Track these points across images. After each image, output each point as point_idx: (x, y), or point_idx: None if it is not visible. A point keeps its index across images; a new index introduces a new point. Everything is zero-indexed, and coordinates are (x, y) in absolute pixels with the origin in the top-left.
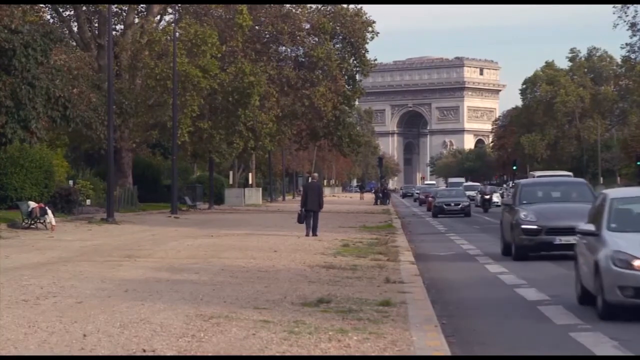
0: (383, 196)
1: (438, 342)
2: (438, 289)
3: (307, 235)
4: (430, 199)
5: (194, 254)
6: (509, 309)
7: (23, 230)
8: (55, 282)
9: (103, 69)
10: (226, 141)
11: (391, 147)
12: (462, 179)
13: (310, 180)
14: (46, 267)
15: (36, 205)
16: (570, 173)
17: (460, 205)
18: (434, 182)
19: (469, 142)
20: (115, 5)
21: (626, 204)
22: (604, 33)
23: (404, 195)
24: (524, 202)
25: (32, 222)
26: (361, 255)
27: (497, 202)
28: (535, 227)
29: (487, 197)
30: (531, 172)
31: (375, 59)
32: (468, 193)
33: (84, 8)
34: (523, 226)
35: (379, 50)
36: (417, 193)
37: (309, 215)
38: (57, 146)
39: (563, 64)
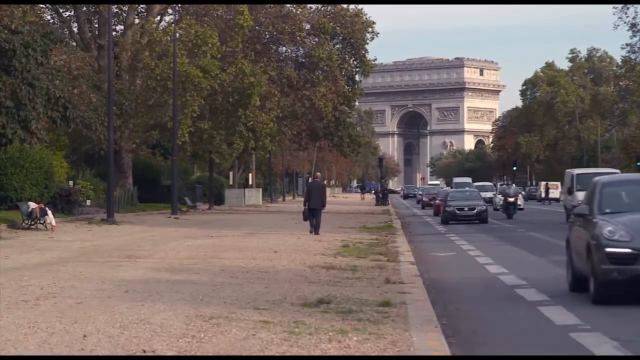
0: (383, 197)
1: (438, 343)
2: (438, 289)
3: (311, 233)
4: (437, 201)
5: (194, 255)
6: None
7: (23, 230)
8: (55, 282)
9: (103, 69)
10: (226, 141)
11: (391, 147)
12: (468, 179)
13: (313, 180)
14: (46, 268)
15: (36, 205)
16: (617, 170)
17: (476, 210)
18: (437, 182)
19: (469, 143)
20: (116, 6)
21: None
22: (604, 33)
23: (406, 196)
24: (607, 210)
25: (32, 222)
26: (361, 256)
27: (520, 206)
28: (628, 250)
29: (512, 199)
30: (568, 170)
31: (375, 59)
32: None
33: (84, 8)
34: (609, 249)
35: (379, 50)
36: (419, 194)
37: (312, 213)
38: (57, 148)
39: (563, 64)
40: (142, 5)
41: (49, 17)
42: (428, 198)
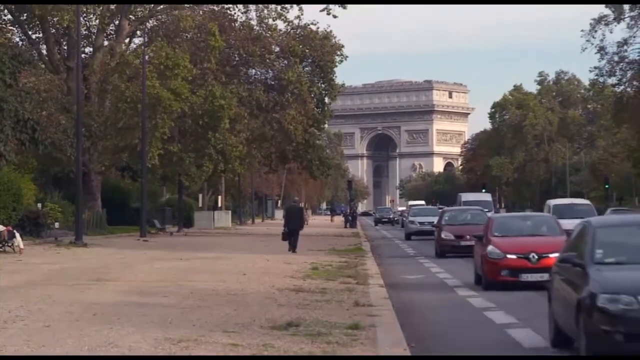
0: (352, 219)
1: None
2: (408, 312)
3: (289, 251)
4: (495, 251)
5: (163, 277)
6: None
7: None
8: (23, 305)
9: (72, 91)
10: (195, 164)
11: (360, 170)
12: (487, 196)
13: (292, 204)
14: (14, 291)
15: (4, 228)
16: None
17: None
18: (422, 201)
19: (438, 165)
20: (85, 28)
21: None
22: (572, 56)
23: (378, 221)
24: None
25: (0, 245)
26: (330, 279)
27: None
28: None
29: None
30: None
31: (343, 84)
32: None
33: (53, 31)
34: None
35: (349, 73)
36: (415, 222)
37: (291, 233)
38: (25, 171)
39: (532, 87)
40: (111, 27)
41: (17, 39)
42: (453, 234)
